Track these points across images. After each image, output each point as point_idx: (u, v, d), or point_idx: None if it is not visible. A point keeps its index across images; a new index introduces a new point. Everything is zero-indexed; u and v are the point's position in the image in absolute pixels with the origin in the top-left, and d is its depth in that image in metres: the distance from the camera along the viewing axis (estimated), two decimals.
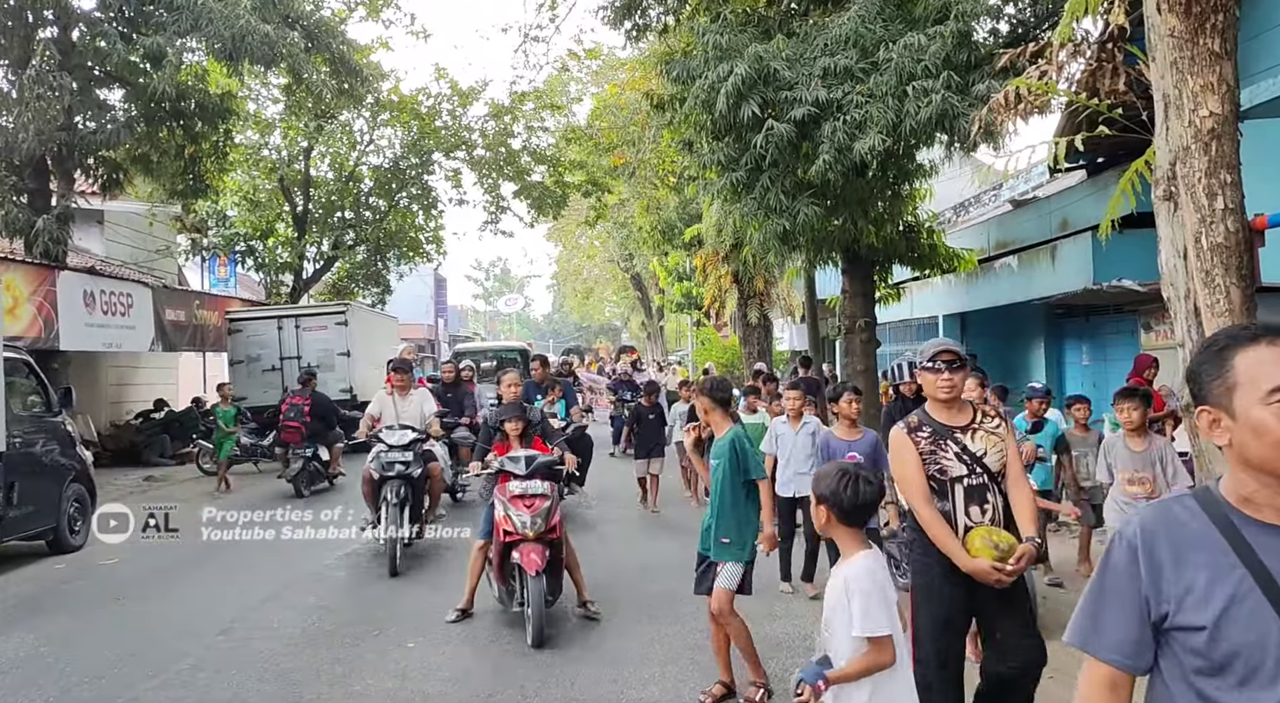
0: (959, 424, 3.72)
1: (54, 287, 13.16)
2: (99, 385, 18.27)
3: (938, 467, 3.66)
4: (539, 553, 5.73)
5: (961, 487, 3.65)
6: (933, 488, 3.68)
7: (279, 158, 23.01)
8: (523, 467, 6.06)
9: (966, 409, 3.79)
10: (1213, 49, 4.80)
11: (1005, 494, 3.70)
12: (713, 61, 9.46)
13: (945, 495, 3.67)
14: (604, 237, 37.86)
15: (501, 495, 5.96)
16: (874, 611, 2.77)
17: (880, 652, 2.78)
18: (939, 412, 3.76)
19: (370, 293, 25.32)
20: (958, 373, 3.71)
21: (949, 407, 3.74)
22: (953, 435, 3.69)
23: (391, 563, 7.62)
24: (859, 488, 2.85)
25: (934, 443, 3.69)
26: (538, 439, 6.49)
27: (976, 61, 8.82)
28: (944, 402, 3.73)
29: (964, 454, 3.66)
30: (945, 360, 3.70)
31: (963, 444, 3.67)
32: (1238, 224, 4.83)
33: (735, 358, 24.55)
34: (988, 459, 3.67)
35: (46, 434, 9.35)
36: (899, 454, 3.77)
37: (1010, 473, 3.71)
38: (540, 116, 24.77)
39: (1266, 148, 7.54)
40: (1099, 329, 13.84)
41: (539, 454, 6.24)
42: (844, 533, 2.91)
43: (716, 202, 12.08)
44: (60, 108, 12.65)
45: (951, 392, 3.71)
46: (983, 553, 3.47)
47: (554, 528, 5.95)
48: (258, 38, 13.44)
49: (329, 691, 5.13)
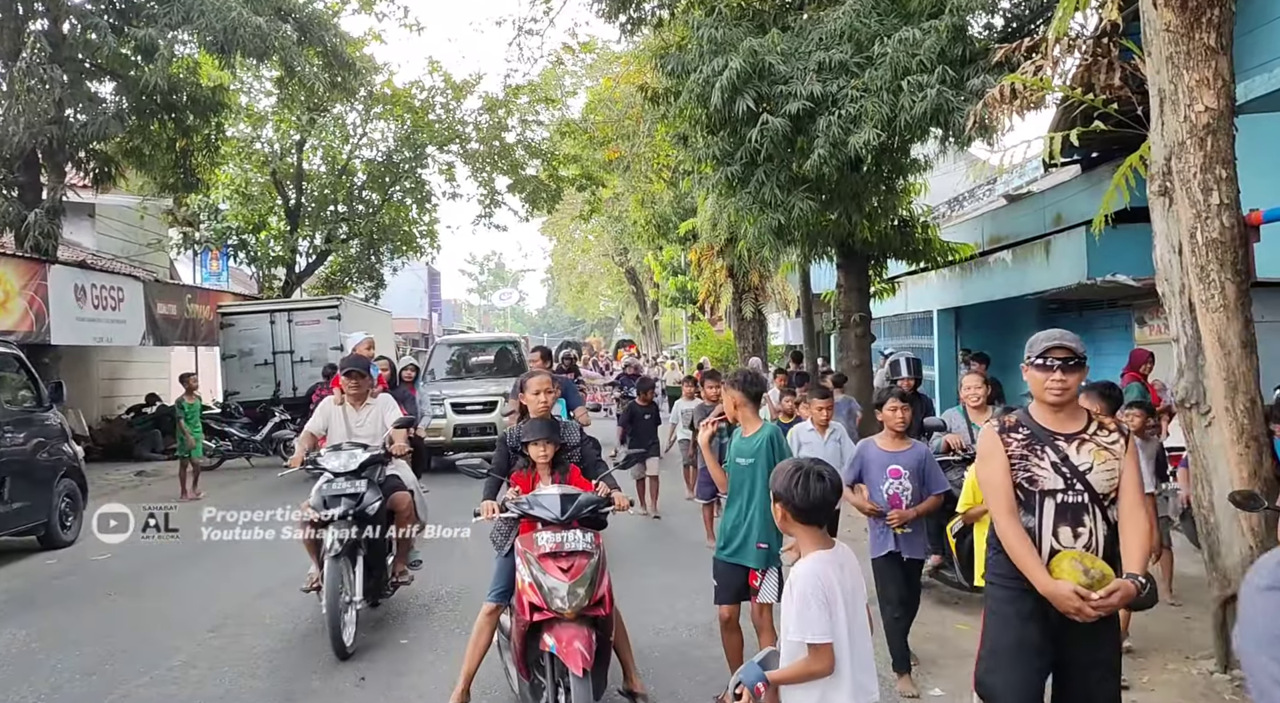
0: (1065, 432, 3.18)
1: (45, 281, 13.08)
2: (90, 380, 18.19)
3: (1026, 474, 3.16)
4: (584, 640, 3.96)
5: (1053, 502, 3.12)
6: (1019, 499, 3.18)
7: (271, 151, 22.93)
8: (557, 510, 4.24)
9: (1080, 416, 3.24)
10: (1208, 44, 4.80)
11: (1113, 523, 3.14)
12: (707, 55, 9.43)
13: (1031, 510, 3.15)
14: (599, 231, 37.83)
15: (527, 551, 4.16)
16: (809, 615, 2.69)
17: (816, 659, 2.69)
18: (1044, 415, 3.23)
19: (364, 287, 25.26)
20: (1073, 373, 3.14)
21: (1058, 411, 3.20)
22: (1053, 442, 3.16)
23: (336, 641, 5.40)
24: (809, 485, 2.76)
25: (1028, 447, 3.19)
26: (575, 470, 4.70)
27: (971, 56, 8.81)
28: (1052, 405, 3.19)
29: (1063, 466, 3.13)
30: (1059, 357, 3.14)
31: (1064, 454, 3.14)
32: (1233, 219, 4.83)
33: (730, 353, 24.55)
34: (1093, 476, 3.12)
35: (37, 429, 9.30)
36: (985, 456, 3.30)
37: (1124, 499, 3.14)
38: (534, 110, 24.72)
39: (1261, 143, 7.53)
40: (1093, 324, 13.85)
41: (578, 492, 4.43)
42: (801, 531, 2.85)
43: (711, 196, 12.08)
44: (51, 101, 12.56)
45: (1063, 395, 3.15)
46: (1068, 575, 2.98)
47: (601, 600, 4.16)
48: (249, 30, 13.37)
49: (322, 687, 5.11)
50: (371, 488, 5.86)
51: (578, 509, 4.27)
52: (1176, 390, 5.16)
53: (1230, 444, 4.79)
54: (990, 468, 3.26)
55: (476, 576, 6.01)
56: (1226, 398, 4.80)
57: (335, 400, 6.46)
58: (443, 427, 13.79)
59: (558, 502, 4.27)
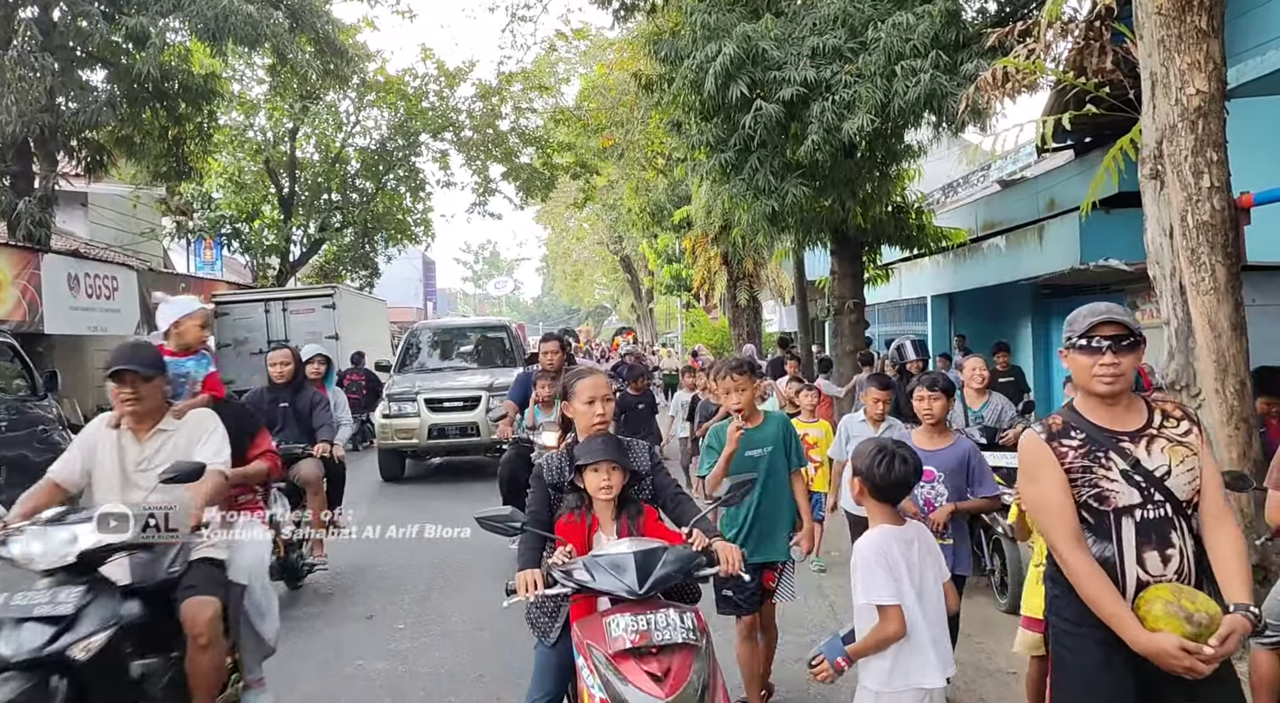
0: (1128, 429, 2.54)
1: (38, 270, 13.06)
2: (85, 369, 18.16)
3: (1095, 491, 2.49)
4: None
5: (1131, 522, 2.47)
6: (1085, 523, 2.51)
7: (264, 139, 22.86)
8: (632, 577, 2.80)
9: (1139, 408, 2.58)
10: (1200, 27, 4.81)
11: (1198, 536, 2.52)
12: (701, 41, 9.42)
13: (1106, 534, 2.49)
14: (593, 219, 37.78)
15: (593, 644, 2.74)
16: (873, 579, 2.84)
17: (887, 621, 2.83)
18: (1097, 411, 2.57)
19: (358, 276, 25.24)
20: (1127, 354, 2.48)
21: (1112, 404, 2.55)
22: (1118, 445, 2.51)
23: None
24: (893, 465, 2.94)
25: (1089, 455, 2.51)
26: (651, 512, 3.23)
27: (965, 40, 8.81)
28: (1104, 397, 2.53)
29: (1135, 473, 2.48)
30: (1108, 336, 2.49)
31: (1134, 459, 2.49)
32: (1224, 202, 4.85)
33: (725, 340, 24.57)
34: (1173, 482, 2.48)
35: (33, 418, 9.30)
36: (1034, 471, 2.58)
37: (1207, 504, 2.51)
38: (528, 98, 24.67)
39: (1252, 126, 7.55)
40: None
41: (661, 545, 2.94)
42: (874, 506, 3.02)
43: (705, 183, 12.06)
44: (42, 89, 12.50)
45: (1116, 382, 2.49)
46: (1168, 625, 2.33)
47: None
48: (241, 17, 13.33)
49: (319, 672, 5.13)
50: (99, 602, 3.08)
51: (666, 576, 2.81)
52: (1167, 373, 5.20)
53: (1220, 426, 4.83)
54: (1043, 488, 2.55)
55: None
56: (1216, 380, 4.84)
57: (109, 422, 3.74)
58: (415, 427, 11.74)
59: (632, 563, 2.80)
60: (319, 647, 5.54)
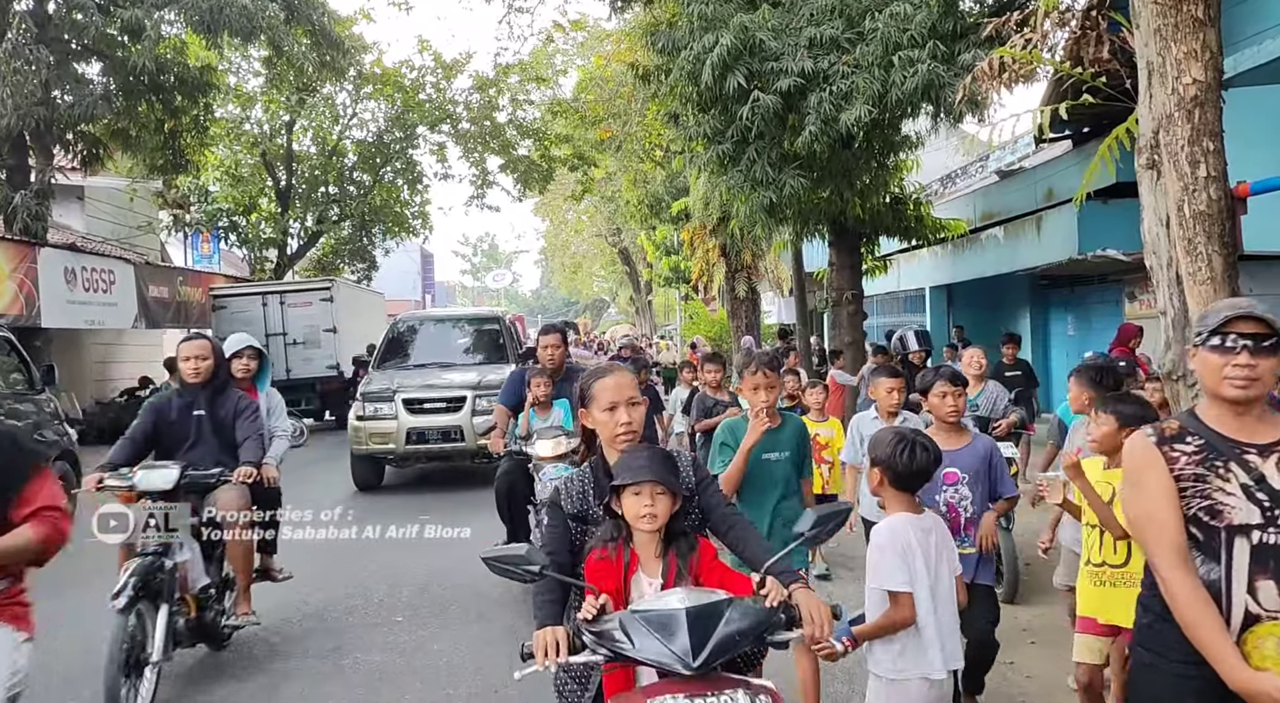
0: (1256, 442, 2.22)
1: (34, 263, 13.05)
2: (82, 363, 18.17)
3: (1206, 503, 2.20)
4: None
5: (1247, 543, 2.16)
6: (1193, 539, 2.22)
7: (261, 132, 22.83)
8: (685, 648, 2.03)
9: (1274, 421, 2.26)
10: (1196, 16, 4.79)
11: None
12: (698, 32, 9.39)
13: (1215, 555, 2.19)
14: (591, 211, 37.72)
15: None
16: (886, 565, 2.88)
17: (897, 608, 2.87)
18: (1223, 419, 2.25)
19: (356, 269, 25.24)
20: (1267, 357, 2.18)
21: (1242, 412, 2.23)
22: (1241, 457, 2.20)
23: None
24: (914, 454, 2.95)
25: (1205, 464, 2.21)
26: (708, 547, 2.52)
27: (962, 30, 8.79)
28: (1234, 403, 2.22)
29: (1259, 489, 2.16)
30: (1246, 333, 2.19)
31: (1259, 473, 2.18)
32: (1220, 192, 4.84)
33: (723, 332, 24.57)
34: None
35: (29, 412, 9.30)
36: (1138, 477, 2.30)
37: None
38: (525, 89, 24.61)
39: (1249, 115, 7.55)
40: (1084, 299, 13.92)
41: (722, 599, 2.17)
42: (892, 495, 3.03)
43: (703, 175, 12.05)
44: (37, 82, 12.49)
45: (1250, 387, 2.18)
46: (1274, 665, 2.09)
47: None
48: (236, 10, 13.32)
49: (318, 664, 5.15)
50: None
51: (729, 642, 2.08)
52: (1164, 363, 5.20)
53: None
54: (1147, 496, 2.26)
55: None
56: None
57: None
58: (391, 431, 10.47)
59: (684, 624, 2.06)
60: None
